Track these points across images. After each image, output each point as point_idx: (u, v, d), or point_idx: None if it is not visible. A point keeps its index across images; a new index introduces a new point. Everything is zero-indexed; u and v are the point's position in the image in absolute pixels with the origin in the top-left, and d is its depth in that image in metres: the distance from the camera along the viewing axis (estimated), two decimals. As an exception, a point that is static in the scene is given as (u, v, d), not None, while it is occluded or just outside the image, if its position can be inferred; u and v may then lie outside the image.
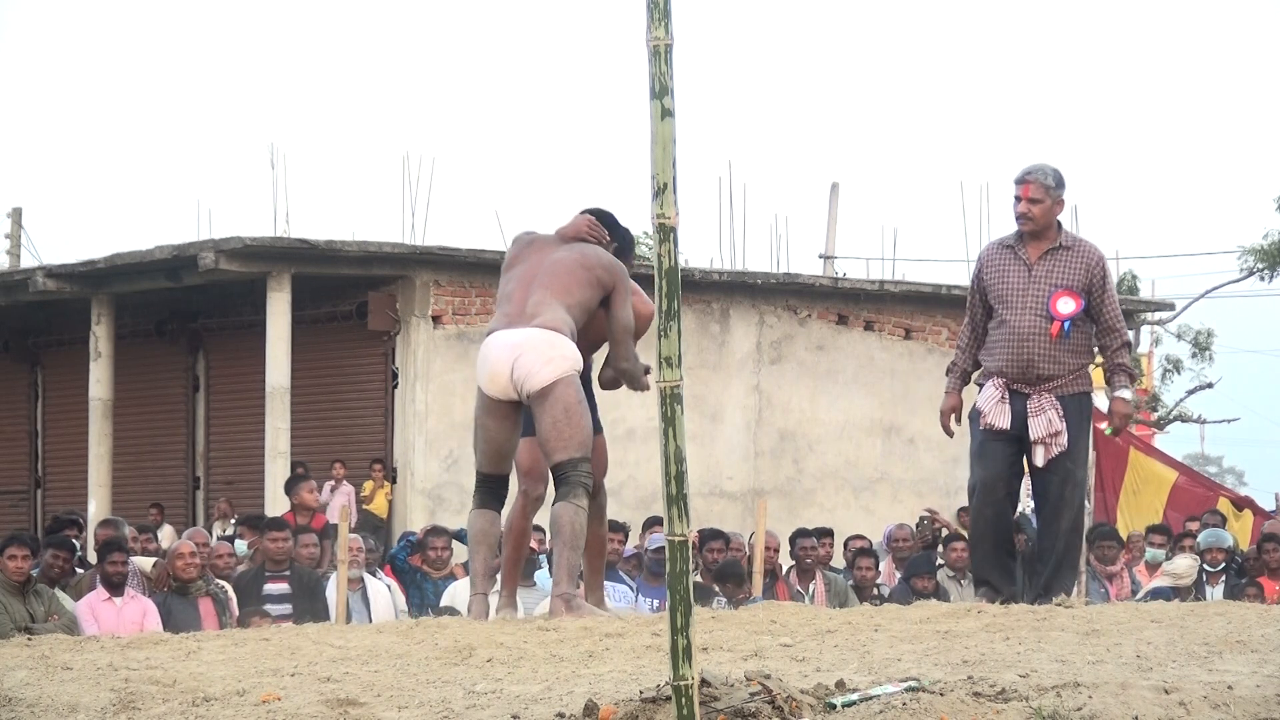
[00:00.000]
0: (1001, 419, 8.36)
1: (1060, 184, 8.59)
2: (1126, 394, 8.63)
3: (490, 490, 7.79)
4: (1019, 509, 20.79)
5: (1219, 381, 30.85)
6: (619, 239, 8.13)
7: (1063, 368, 8.36)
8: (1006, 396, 8.39)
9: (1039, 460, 8.32)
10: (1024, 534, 14.08)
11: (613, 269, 7.83)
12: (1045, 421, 8.30)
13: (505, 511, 7.94)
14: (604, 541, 8.43)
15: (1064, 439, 8.30)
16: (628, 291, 7.86)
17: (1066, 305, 8.39)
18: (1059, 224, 8.64)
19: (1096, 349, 8.61)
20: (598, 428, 8.01)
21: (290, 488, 15.14)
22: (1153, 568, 14.81)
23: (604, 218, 8.13)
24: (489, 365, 7.57)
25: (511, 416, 7.65)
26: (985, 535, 8.53)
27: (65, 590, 11.11)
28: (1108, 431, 8.62)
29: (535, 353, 7.50)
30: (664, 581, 4.00)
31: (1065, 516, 8.40)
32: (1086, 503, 8.83)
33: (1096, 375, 8.74)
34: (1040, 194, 8.52)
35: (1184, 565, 14.35)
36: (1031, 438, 8.31)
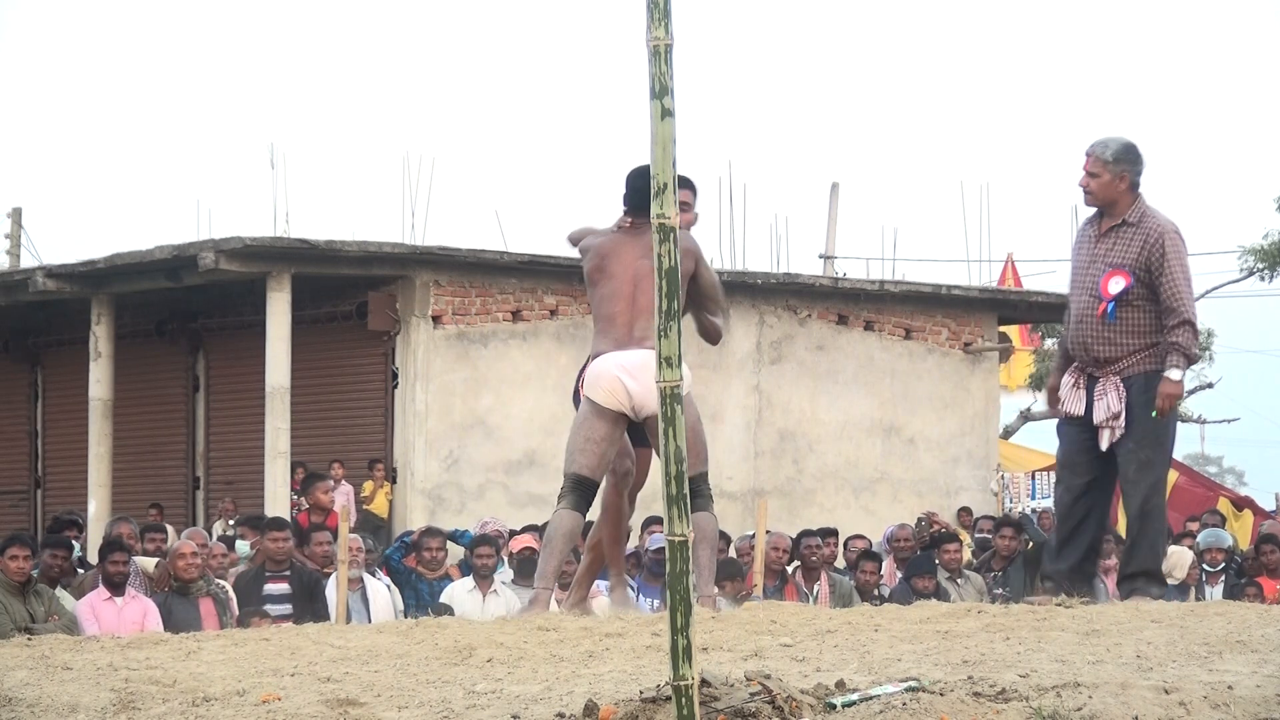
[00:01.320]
0: (1074, 405, 8.27)
1: (1124, 158, 8.33)
2: (1175, 374, 8.18)
3: (583, 495, 7.97)
4: (1020, 509, 20.66)
5: (1219, 381, 30.88)
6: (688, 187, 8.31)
7: (1120, 349, 8.17)
8: (1082, 381, 8.26)
9: (1103, 445, 8.17)
10: (1025, 534, 14.12)
11: (689, 250, 8.05)
12: (1105, 405, 8.12)
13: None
14: (616, 544, 8.59)
15: (1123, 421, 8.10)
16: (702, 256, 8.19)
17: (1116, 284, 8.20)
18: (1136, 199, 8.37)
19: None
20: (647, 440, 8.33)
21: (305, 487, 15.20)
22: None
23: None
24: (606, 382, 7.88)
25: (621, 427, 7.96)
26: (1058, 521, 8.42)
27: (67, 590, 11.12)
28: (1151, 413, 8.17)
29: (652, 376, 7.75)
30: (664, 581, 4.00)
31: (1134, 501, 8.20)
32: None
33: None
34: (1098, 168, 8.32)
35: (1181, 560, 14.39)
36: (1094, 422, 8.17)
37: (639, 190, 8.03)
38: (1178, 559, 14.51)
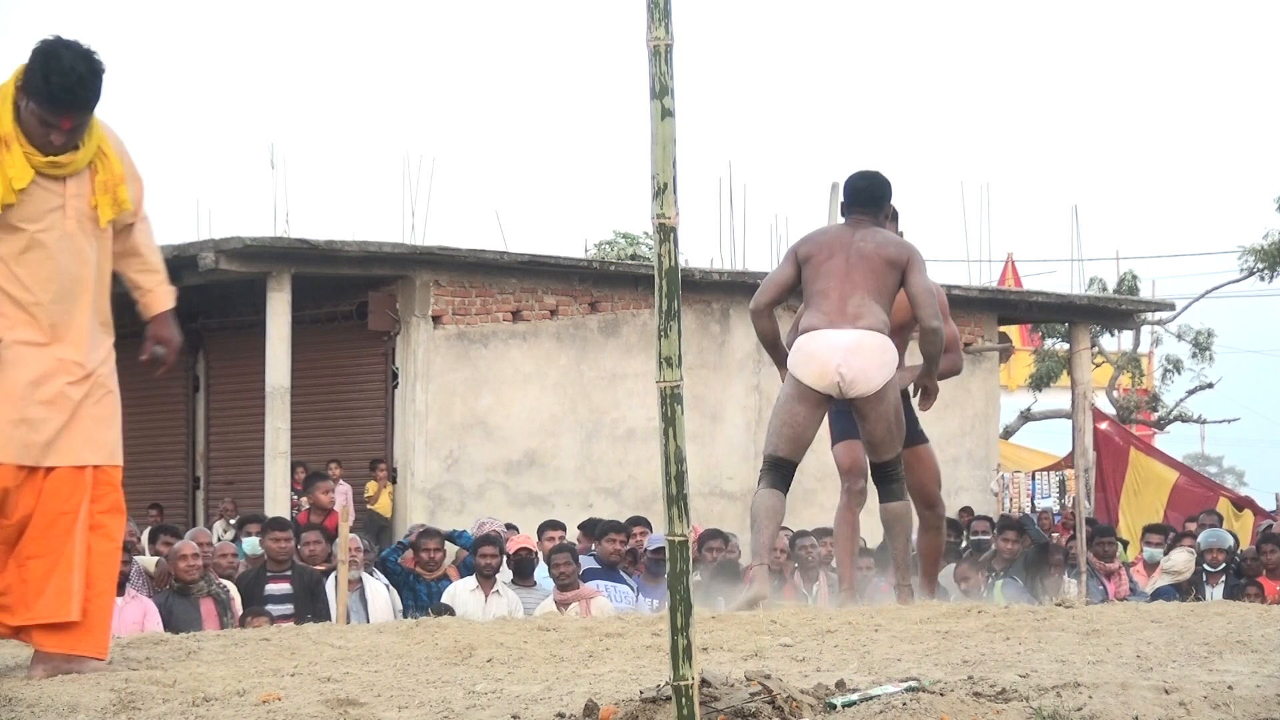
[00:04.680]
0: None
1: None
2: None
3: (781, 474, 8.12)
4: (1020, 510, 20.70)
5: (1219, 381, 30.88)
6: (889, 197, 8.37)
7: None
8: None
9: None
10: (1026, 534, 14.13)
11: (902, 245, 8.12)
12: None
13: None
14: (939, 549, 9.04)
15: None
16: (922, 261, 8.12)
17: None
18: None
19: None
20: (924, 438, 8.72)
21: (307, 487, 15.22)
22: (1150, 566, 14.84)
23: (880, 189, 8.29)
24: (817, 361, 7.93)
25: (823, 408, 8.09)
26: None
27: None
28: None
29: (868, 357, 7.92)
30: (663, 581, 4.01)
31: None
32: (1086, 502, 8.77)
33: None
34: None
35: (1182, 560, 14.41)
36: None
37: (856, 190, 8.23)
38: (1178, 558, 14.53)
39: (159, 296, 5.82)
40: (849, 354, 7.87)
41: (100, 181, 5.61)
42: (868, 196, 8.25)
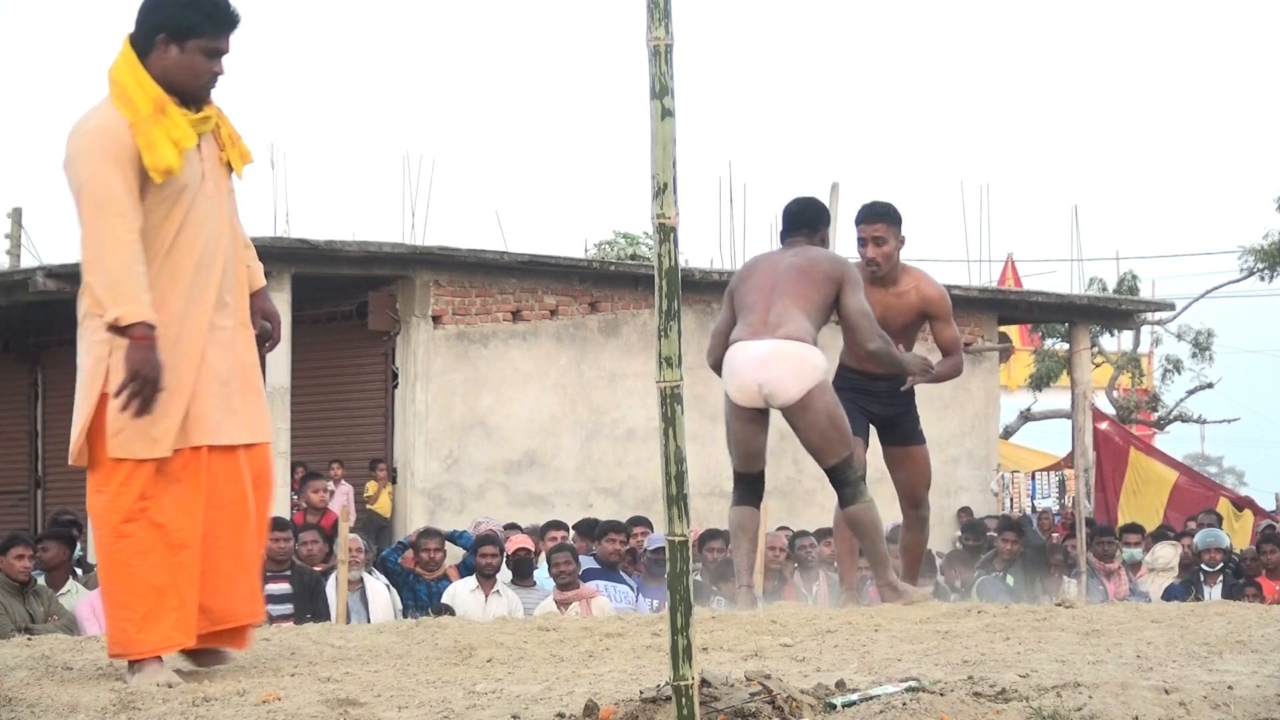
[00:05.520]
0: None
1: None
2: None
3: (748, 487, 8.06)
4: (1018, 510, 20.75)
5: (1219, 381, 30.88)
6: (825, 221, 8.30)
7: None
8: None
9: None
10: (1025, 536, 14.15)
11: (836, 261, 8.02)
12: None
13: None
14: (922, 548, 8.88)
15: None
16: (856, 279, 7.97)
17: None
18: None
19: None
20: (921, 438, 8.61)
21: (302, 487, 15.22)
22: (1131, 567, 14.90)
23: (814, 211, 8.28)
24: (737, 377, 7.79)
25: (758, 421, 7.91)
26: None
27: (76, 578, 11.17)
28: None
29: (784, 366, 7.72)
30: (663, 581, 4.01)
31: None
32: (1086, 502, 8.78)
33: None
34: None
35: (1167, 554, 14.50)
36: None
37: (790, 214, 8.19)
38: (1162, 553, 14.62)
39: (256, 271, 5.60)
40: (764, 365, 7.67)
41: (226, 135, 5.42)
42: (801, 220, 8.22)
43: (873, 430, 8.67)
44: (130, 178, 5.17)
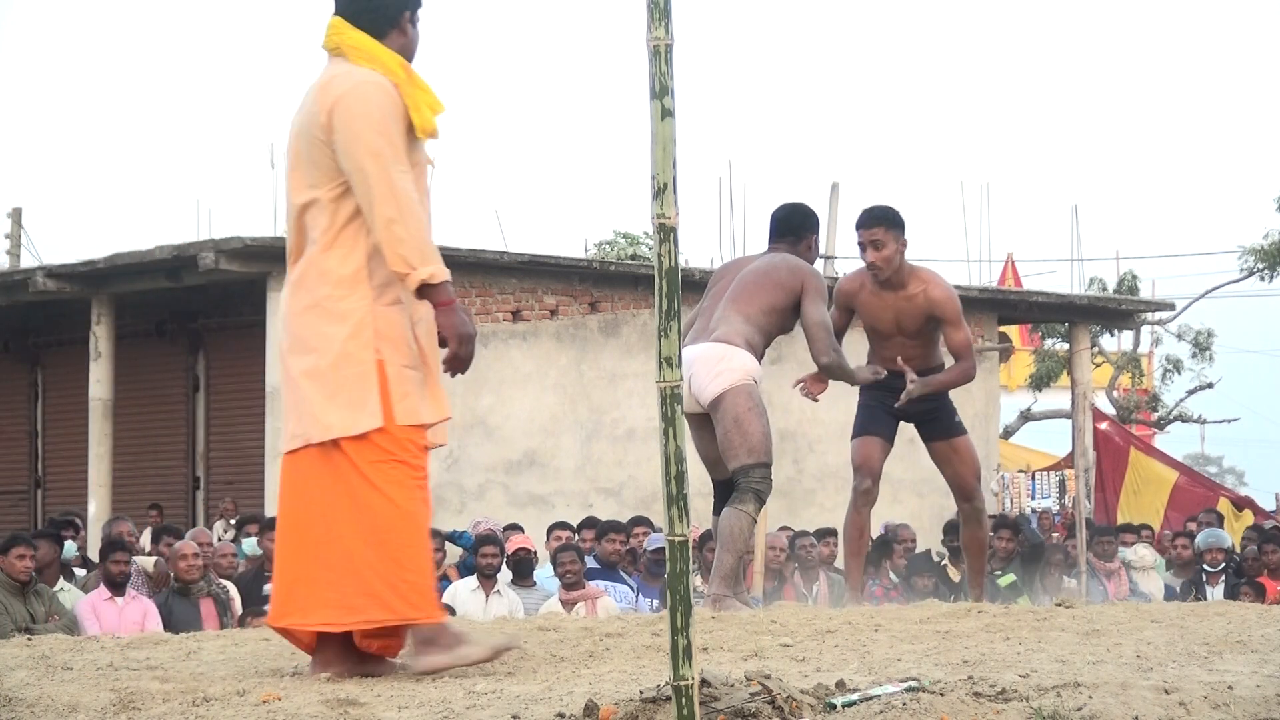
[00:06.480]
0: None
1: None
2: None
3: (721, 495, 8.09)
4: (1018, 509, 20.76)
5: (1219, 381, 30.87)
6: (811, 228, 8.30)
7: None
8: None
9: None
10: (1022, 534, 14.14)
11: (796, 269, 7.98)
12: None
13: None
14: (983, 543, 8.80)
15: None
16: (818, 289, 7.96)
17: None
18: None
19: None
20: (962, 429, 8.61)
21: None
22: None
23: (799, 218, 8.28)
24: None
25: (704, 426, 7.96)
26: None
27: (71, 581, 11.15)
28: None
29: (705, 366, 7.80)
30: (663, 581, 4.01)
31: None
32: (1086, 502, 8.76)
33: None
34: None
35: (1139, 554, 14.63)
36: None
37: (775, 219, 8.22)
38: (1140, 553, 14.72)
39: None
40: (689, 366, 7.69)
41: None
42: (786, 227, 8.23)
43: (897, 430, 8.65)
44: (404, 135, 5.09)
